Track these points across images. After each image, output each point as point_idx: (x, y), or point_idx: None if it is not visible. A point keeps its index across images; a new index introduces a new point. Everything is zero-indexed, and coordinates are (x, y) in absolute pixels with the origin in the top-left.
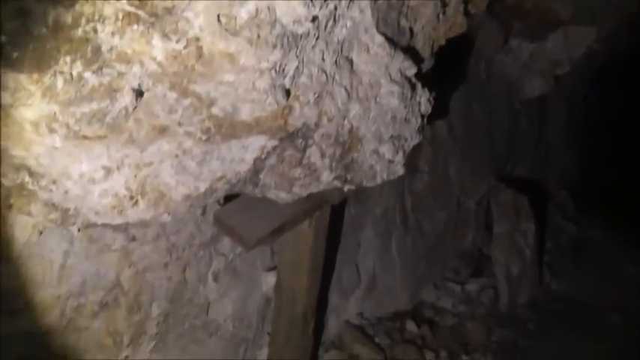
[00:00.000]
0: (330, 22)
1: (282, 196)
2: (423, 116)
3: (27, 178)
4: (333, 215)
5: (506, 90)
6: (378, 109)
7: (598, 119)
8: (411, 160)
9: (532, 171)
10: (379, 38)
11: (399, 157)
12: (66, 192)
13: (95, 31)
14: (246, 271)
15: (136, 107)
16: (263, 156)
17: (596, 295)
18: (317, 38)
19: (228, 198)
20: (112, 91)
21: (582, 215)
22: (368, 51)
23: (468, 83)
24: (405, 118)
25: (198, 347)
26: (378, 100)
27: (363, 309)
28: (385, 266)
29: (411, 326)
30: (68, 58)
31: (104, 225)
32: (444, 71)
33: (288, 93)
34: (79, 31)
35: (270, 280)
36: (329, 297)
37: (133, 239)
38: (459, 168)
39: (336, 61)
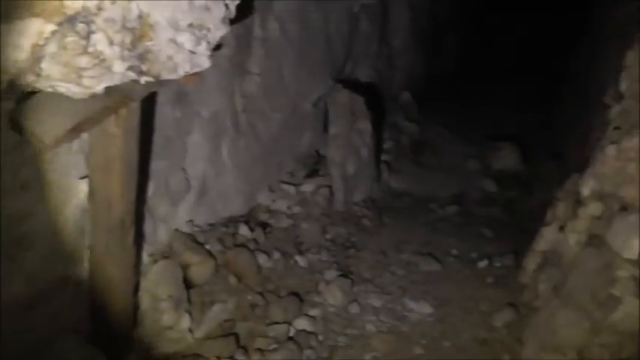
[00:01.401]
0: None
1: (75, 90)
2: (227, 5)
3: None
4: (144, 114)
5: None
6: None
7: (445, 22)
8: (241, 61)
9: (375, 73)
10: None
11: (202, 48)
12: None
13: None
14: (58, 180)
15: None
16: (41, 42)
17: (435, 190)
18: None
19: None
20: None
21: (425, 115)
22: None
23: None
24: (206, 7)
25: (11, 264)
26: None
27: (195, 216)
28: (217, 171)
29: (243, 230)
30: None
31: None
32: None
33: None
34: None
35: (85, 188)
36: (157, 205)
37: None
38: (294, 70)
39: None
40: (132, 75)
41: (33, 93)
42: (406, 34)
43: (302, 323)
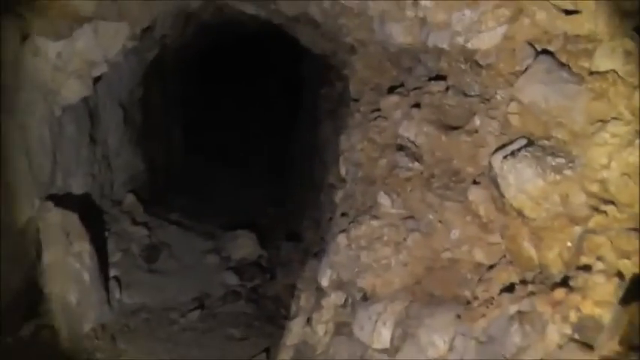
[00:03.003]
0: None
1: None
2: None
3: None
4: None
5: (42, 96)
6: None
7: (165, 115)
8: None
9: (91, 179)
10: None
11: None
12: None
13: None
14: None
15: None
16: None
17: (174, 296)
18: None
19: None
20: None
21: (155, 216)
22: None
23: None
24: None
25: None
26: None
27: None
28: None
29: None
30: None
31: None
32: None
33: None
34: None
35: None
36: None
37: None
38: None
39: None
40: None
41: None
42: (121, 132)
43: None
